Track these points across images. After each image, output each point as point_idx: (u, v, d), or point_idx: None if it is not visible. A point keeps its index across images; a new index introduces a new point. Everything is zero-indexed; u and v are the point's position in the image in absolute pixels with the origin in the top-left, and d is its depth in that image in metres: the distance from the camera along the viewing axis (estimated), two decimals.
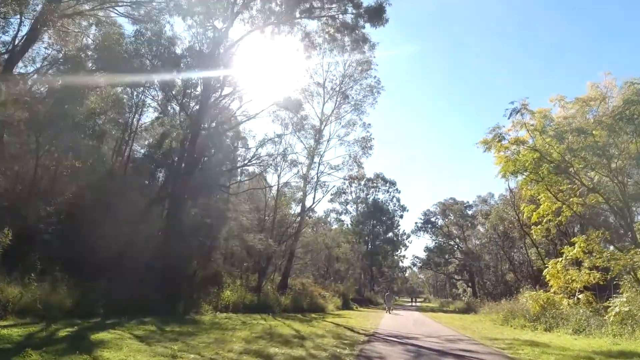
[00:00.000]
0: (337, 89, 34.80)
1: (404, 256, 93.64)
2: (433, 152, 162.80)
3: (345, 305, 39.87)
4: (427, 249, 71.30)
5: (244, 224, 20.91)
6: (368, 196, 75.48)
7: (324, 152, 33.67)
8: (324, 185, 33.15)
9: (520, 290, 31.01)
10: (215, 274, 21.64)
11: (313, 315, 23.95)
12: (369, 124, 34.84)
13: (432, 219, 70.35)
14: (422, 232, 70.98)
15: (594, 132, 18.60)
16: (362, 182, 75.51)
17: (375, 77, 35.10)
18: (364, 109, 35.25)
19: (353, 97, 35.25)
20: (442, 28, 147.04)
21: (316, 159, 32.89)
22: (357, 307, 44.11)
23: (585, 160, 19.02)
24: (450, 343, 13.45)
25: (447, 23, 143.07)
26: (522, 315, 24.38)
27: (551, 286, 22.73)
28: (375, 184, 76.58)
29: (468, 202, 68.61)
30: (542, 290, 24.10)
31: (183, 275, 18.35)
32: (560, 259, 21.72)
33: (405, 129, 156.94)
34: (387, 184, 76.89)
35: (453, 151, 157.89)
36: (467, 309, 46.29)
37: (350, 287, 47.74)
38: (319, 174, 33.11)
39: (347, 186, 75.99)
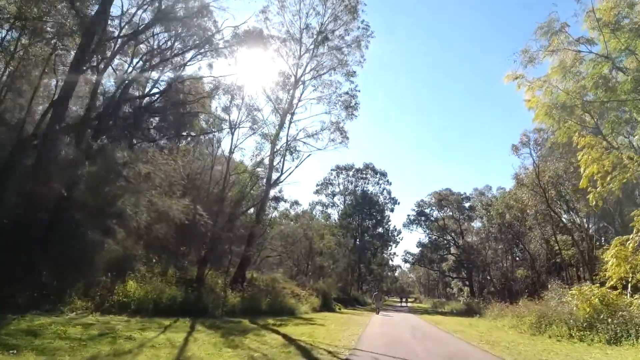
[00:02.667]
0: (315, 41, 27.45)
1: (394, 253, 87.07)
2: (425, 145, 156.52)
3: (325, 306, 32.67)
4: (420, 244, 64.54)
5: (152, 179, 13.54)
6: (357, 188, 68.86)
7: (296, 108, 26.23)
8: (295, 150, 25.87)
9: (548, 287, 24.16)
10: (122, 258, 14.37)
11: (270, 320, 16.79)
12: (354, 72, 27.41)
13: (427, 211, 63.43)
14: (415, 226, 64.13)
15: None
16: (351, 173, 69.48)
17: (363, 21, 27.87)
18: (350, 67, 28.00)
19: (335, 52, 27.87)
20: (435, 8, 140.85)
21: (287, 119, 25.64)
22: (340, 308, 37.00)
23: None
24: None
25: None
26: (563, 320, 17.61)
27: (609, 278, 15.79)
28: (364, 175, 70.30)
29: (465, 193, 62.18)
30: (596, 286, 17.26)
31: (43, 252, 11.12)
32: (631, 235, 14.72)
33: (397, 120, 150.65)
34: (378, 175, 70.44)
35: (448, 144, 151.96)
36: (468, 311, 39.98)
37: (331, 284, 40.45)
38: (289, 139, 25.82)
39: (335, 177, 70.01)
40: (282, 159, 24.83)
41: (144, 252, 16.03)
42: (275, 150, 24.79)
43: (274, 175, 25.89)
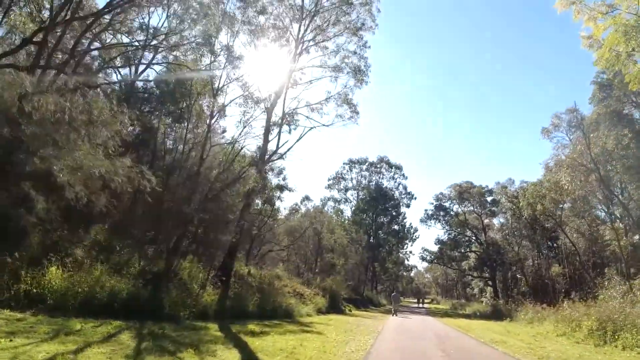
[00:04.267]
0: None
1: (410, 252, 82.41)
2: (443, 138, 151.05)
3: (333, 307, 28.69)
4: (439, 241, 59.67)
5: (74, 123, 9.59)
6: (370, 183, 64.89)
7: (295, 70, 21.87)
8: (294, 120, 21.68)
9: (605, 283, 19.78)
10: (43, 236, 10.66)
11: (252, 326, 12.93)
12: (362, 24, 22.06)
13: (446, 204, 58.65)
14: (433, 221, 59.09)
15: None
16: (364, 167, 65.66)
17: None
18: (358, 21, 23.38)
19: (339, 11, 23.15)
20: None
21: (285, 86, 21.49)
22: (350, 310, 33.01)
23: None
24: None
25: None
26: (638, 326, 13.35)
27: None
28: (378, 169, 66.30)
29: (487, 186, 57.24)
30: None
31: None
32: None
33: (412, 113, 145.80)
34: (392, 169, 66.26)
35: (467, 137, 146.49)
36: (495, 314, 35.68)
37: (340, 283, 36.38)
38: (287, 110, 21.58)
39: (347, 171, 66.12)
40: (278, 131, 20.76)
41: (89, 233, 12.47)
42: (271, 122, 20.88)
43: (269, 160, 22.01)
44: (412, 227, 66.33)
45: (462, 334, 17.08)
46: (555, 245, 41.20)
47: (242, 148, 19.87)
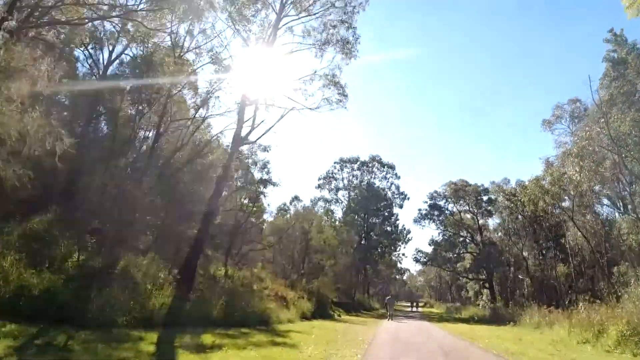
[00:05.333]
0: None
1: (403, 254, 79.85)
2: (437, 138, 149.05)
3: (320, 312, 25.95)
4: (434, 242, 57.05)
5: None
6: (362, 182, 62.47)
7: (275, 40, 19.22)
8: (271, 99, 19.03)
9: (628, 283, 17.33)
10: None
11: (208, 336, 10.27)
12: None
13: (441, 203, 56.26)
14: (427, 221, 56.53)
15: None
16: (355, 166, 63.16)
17: None
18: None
19: None
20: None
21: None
22: (340, 315, 30.31)
23: None
24: None
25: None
26: None
27: None
28: (370, 168, 63.89)
29: (483, 185, 54.95)
30: None
31: None
32: None
33: (407, 113, 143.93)
34: (385, 168, 63.86)
35: (461, 136, 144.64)
36: (495, 318, 33.28)
37: (327, 285, 33.60)
38: (263, 87, 18.90)
39: (338, 171, 63.60)
40: (254, 110, 17.99)
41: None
42: (246, 100, 18.22)
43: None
44: (405, 228, 63.96)
45: (469, 344, 14.40)
46: (555, 245, 38.94)
47: (204, 119, 17.10)
